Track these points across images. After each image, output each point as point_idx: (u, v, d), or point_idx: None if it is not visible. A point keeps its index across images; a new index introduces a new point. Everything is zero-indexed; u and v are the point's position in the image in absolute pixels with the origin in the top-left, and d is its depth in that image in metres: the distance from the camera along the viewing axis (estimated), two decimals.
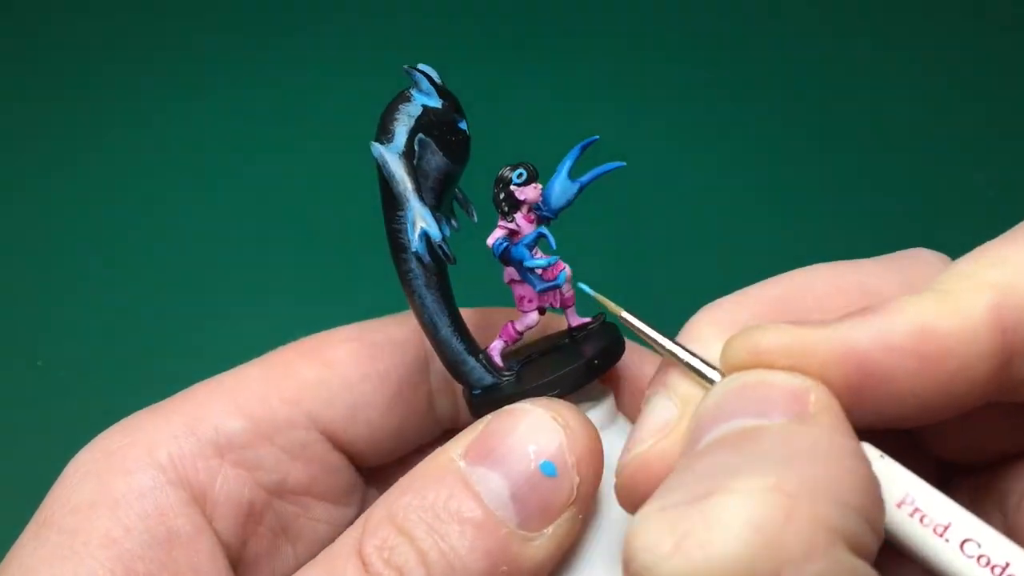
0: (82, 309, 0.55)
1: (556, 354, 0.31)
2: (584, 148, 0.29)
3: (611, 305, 0.28)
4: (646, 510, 0.21)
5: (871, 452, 0.24)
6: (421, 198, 0.28)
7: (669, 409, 0.26)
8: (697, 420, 0.24)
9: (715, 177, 0.60)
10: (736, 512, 0.20)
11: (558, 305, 0.31)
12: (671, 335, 0.27)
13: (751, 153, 0.61)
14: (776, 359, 0.24)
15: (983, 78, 0.63)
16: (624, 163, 0.29)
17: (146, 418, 0.31)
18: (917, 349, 0.23)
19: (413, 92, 0.28)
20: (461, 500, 0.26)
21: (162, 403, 0.32)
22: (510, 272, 0.30)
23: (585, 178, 0.29)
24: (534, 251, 0.29)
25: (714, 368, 0.26)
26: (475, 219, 0.30)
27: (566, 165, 0.29)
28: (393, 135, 0.28)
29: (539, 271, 0.29)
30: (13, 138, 0.64)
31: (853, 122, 0.62)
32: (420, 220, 0.28)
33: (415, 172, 0.28)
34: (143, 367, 0.51)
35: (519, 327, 0.30)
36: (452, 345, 0.29)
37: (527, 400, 0.28)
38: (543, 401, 0.28)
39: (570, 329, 0.31)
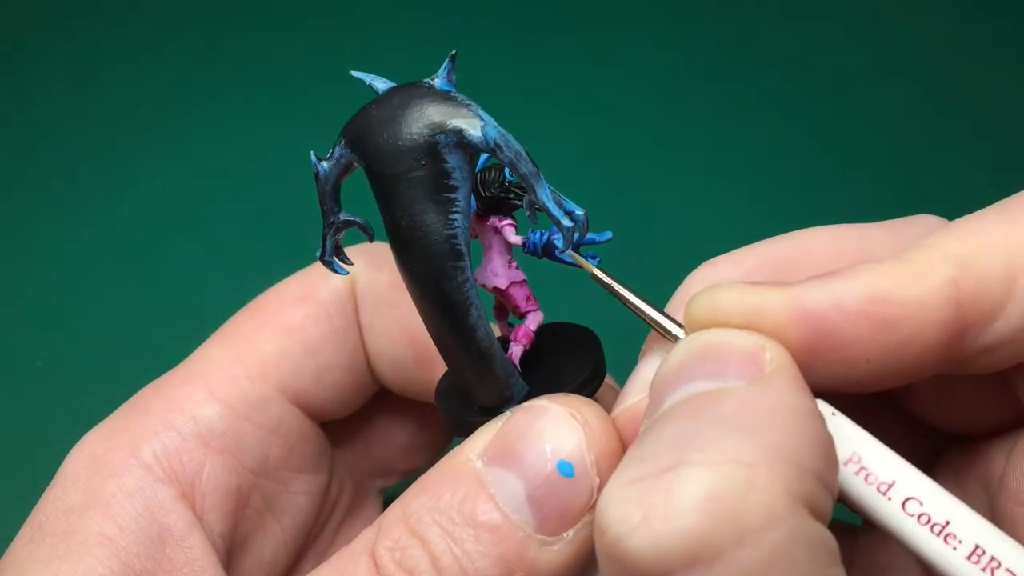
0: (82, 309, 0.55)
1: (550, 352, 0.30)
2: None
3: (585, 264, 0.28)
4: (615, 482, 0.22)
5: (824, 409, 0.24)
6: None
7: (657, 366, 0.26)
8: (659, 381, 0.24)
9: (714, 178, 0.59)
10: (698, 484, 0.21)
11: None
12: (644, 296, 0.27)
13: (750, 152, 0.61)
14: (733, 317, 0.24)
15: (983, 78, 0.63)
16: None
17: (124, 418, 0.32)
18: (870, 313, 0.24)
19: (438, 81, 0.26)
20: (476, 502, 0.25)
21: (136, 398, 0.32)
22: (506, 275, 0.28)
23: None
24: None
25: (680, 325, 0.26)
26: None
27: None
28: (477, 114, 0.25)
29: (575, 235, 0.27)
30: (12, 138, 0.64)
31: (853, 122, 0.62)
32: (558, 196, 0.26)
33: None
34: (143, 367, 0.50)
35: (532, 327, 0.29)
36: (503, 357, 0.27)
37: (544, 397, 0.27)
38: (560, 397, 0.27)
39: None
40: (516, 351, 0.29)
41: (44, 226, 0.59)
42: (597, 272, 0.27)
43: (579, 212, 0.26)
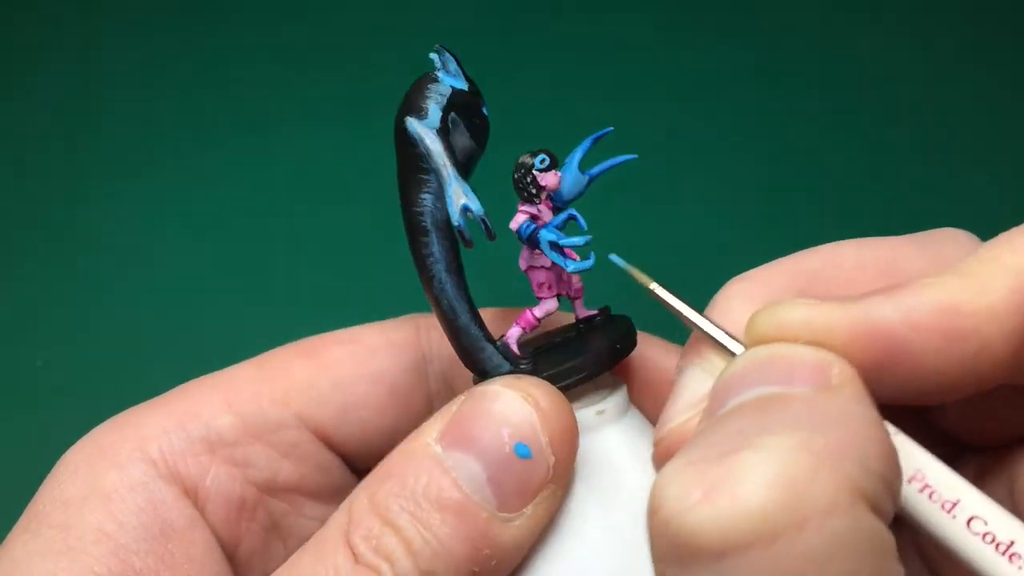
0: (82, 309, 0.55)
1: (572, 343, 0.31)
2: (596, 140, 0.29)
3: (642, 276, 0.28)
4: (673, 464, 0.22)
5: (887, 427, 0.24)
6: (460, 174, 0.27)
7: (703, 381, 0.26)
8: (720, 386, 0.24)
9: (713, 177, 0.60)
10: (764, 466, 0.21)
11: (570, 295, 0.30)
12: (699, 309, 0.27)
13: (749, 152, 0.61)
14: (800, 334, 0.25)
15: (983, 78, 0.63)
16: (635, 155, 0.29)
17: (137, 414, 0.32)
18: (941, 327, 0.24)
19: (440, 73, 0.27)
20: (440, 486, 0.26)
21: (154, 399, 0.32)
22: (527, 258, 0.29)
23: (595, 170, 0.29)
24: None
25: (739, 342, 0.26)
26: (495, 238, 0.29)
27: (576, 157, 0.29)
28: (427, 112, 0.27)
29: (567, 250, 0.29)
30: (12, 138, 0.64)
31: (852, 121, 0.62)
32: (461, 195, 0.27)
33: (451, 149, 0.27)
34: (143, 367, 0.50)
35: (538, 313, 0.30)
36: (471, 332, 0.29)
37: (496, 380, 0.28)
38: (511, 380, 0.28)
39: (578, 321, 0.31)
40: (512, 332, 0.30)
41: (44, 226, 0.59)
42: (653, 286, 0.28)
43: (476, 210, 0.27)
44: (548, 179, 0.29)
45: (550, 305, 0.30)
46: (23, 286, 0.56)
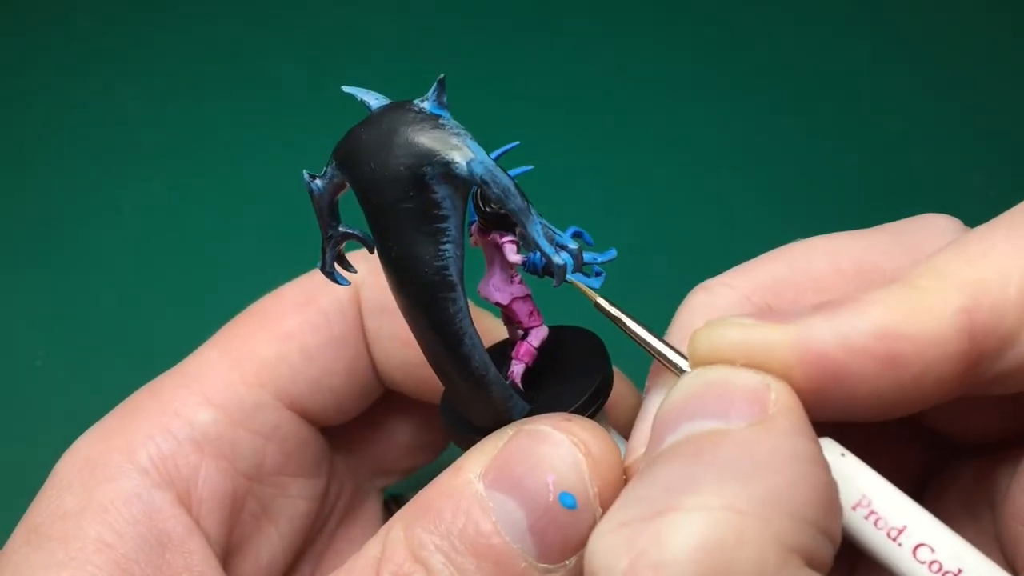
0: (81, 308, 0.55)
1: (554, 363, 0.29)
2: (502, 155, 0.27)
3: (588, 292, 0.27)
4: (606, 525, 0.21)
5: (832, 450, 0.24)
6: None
7: None
8: (660, 418, 0.24)
9: (712, 178, 0.59)
10: (687, 532, 0.20)
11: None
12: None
13: (749, 152, 0.61)
14: (738, 356, 0.24)
15: (983, 78, 0.63)
16: (518, 142, 0.27)
17: (119, 421, 0.31)
18: (879, 351, 0.23)
19: (428, 104, 0.25)
20: (478, 529, 0.25)
21: (130, 401, 0.32)
22: (507, 290, 0.28)
23: (492, 155, 0.26)
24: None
25: (685, 358, 0.26)
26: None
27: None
28: (465, 149, 0.24)
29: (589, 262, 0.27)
30: (11, 136, 0.64)
31: (852, 121, 0.62)
32: (551, 232, 0.25)
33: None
34: (143, 367, 0.50)
35: (535, 343, 0.28)
36: (501, 383, 0.27)
37: (547, 419, 0.27)
38: (562, 422, 0.26)
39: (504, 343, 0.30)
40: (517, 370, 0.28)
41: (44, 226, 0.59)
42: (601, 301, 0.27)
43: (572, 246, 0.25)
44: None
45: (544, 331, 0.28)
46: (23, 286, 0.56)
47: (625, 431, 0.32)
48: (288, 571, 0.34)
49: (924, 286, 0.23)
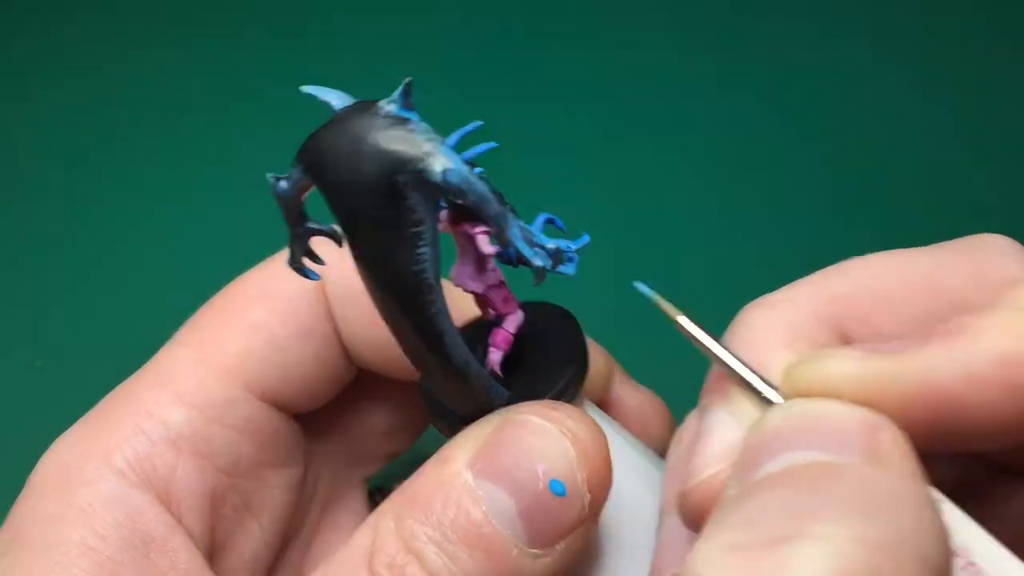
0: (81, 309, 0.55)
1: (530, 344, 0.29)
2: (464, 136, 0.25)
3: (670, 309, 0.26)
4: (710, 548, 0.20)
5: (935, 498, 0.23)
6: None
7: (731, 427, 0.25)
8: (755, 444, 0.23)
9: (712, 177, 0.59)
10: (819, 562, 0.19)
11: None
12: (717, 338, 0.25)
13: (748, 152, 0.61)
14: (846, 391, 0.23)
15: (983, 78, 0.63)
16: (482, 122, 0.25)
17: (94, 423, 0.31)
18: (1002, 379, 0.22)
19: (394, 107, 0.24)
20: (469, 519, 0.25)
21: (104, 403, 0.32)
22: (480, 279, 0.27)
23: (467, 154, 0.25)
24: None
25: (774, 388, 0.24)
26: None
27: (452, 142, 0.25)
28: (435, 156, 0.23)
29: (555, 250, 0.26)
30: (12, 137, 0.64)
31: (852, 121, 0.62)
32: (529, 232, 0.25)
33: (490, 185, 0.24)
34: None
35: (511, 329, 0.28)
36: (484, 376, 0.27)
37: (532, 407, 0.27)
38: (549, 412, 0.26)
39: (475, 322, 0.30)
40: (495, 357, 0.28)
41: (43, 226, 0.59)
42: (682, 320, 0.26)
43: (551, 246, 0.25)
44: None
45: (519, 316, 0.28)
46: (23, 286, 0.56)
47: (594, 395, 0.33)
48: (274, 563, 0.34)
49: None
